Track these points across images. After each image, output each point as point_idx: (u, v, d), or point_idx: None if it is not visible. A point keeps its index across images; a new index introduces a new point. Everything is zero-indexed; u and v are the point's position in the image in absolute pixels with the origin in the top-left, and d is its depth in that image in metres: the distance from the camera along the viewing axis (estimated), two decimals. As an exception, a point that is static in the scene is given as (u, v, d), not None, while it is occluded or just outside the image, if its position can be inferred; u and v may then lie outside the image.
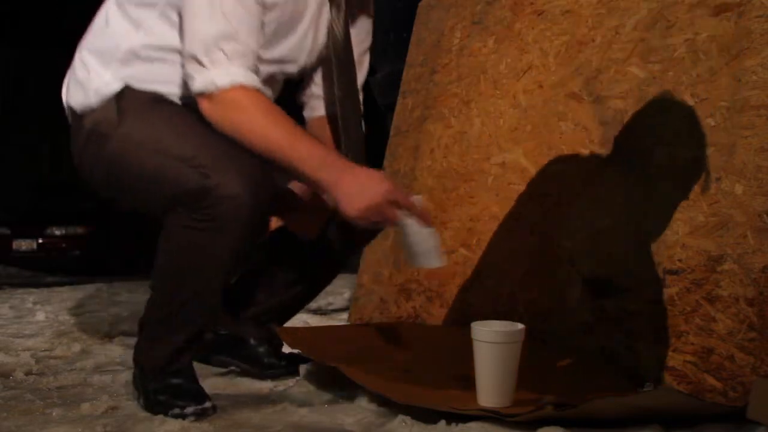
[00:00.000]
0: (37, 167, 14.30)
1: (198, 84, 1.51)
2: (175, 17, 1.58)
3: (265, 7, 1.57)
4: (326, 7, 1.70)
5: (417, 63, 2.77)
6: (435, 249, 1.53)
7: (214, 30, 1.50)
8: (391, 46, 3.05)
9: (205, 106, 1.52)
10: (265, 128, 1.50)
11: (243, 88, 1.51)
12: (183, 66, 1.54)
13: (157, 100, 1.60)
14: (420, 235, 1.52)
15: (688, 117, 1.78)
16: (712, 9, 1.79)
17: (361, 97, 1.83)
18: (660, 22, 1.90)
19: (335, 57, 1.72)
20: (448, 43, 2.61)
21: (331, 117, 1.82)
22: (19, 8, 14.85)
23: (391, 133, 2.79)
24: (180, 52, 1.57)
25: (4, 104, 15.71)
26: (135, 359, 1.62)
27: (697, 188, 1.72)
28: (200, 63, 1.50)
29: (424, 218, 1.52)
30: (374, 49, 3.12)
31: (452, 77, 2.54)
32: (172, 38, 1.59)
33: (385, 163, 2.76)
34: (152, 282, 1.60)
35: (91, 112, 1.61)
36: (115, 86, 1.59)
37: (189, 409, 1.51)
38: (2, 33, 14.97)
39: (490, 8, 2.47)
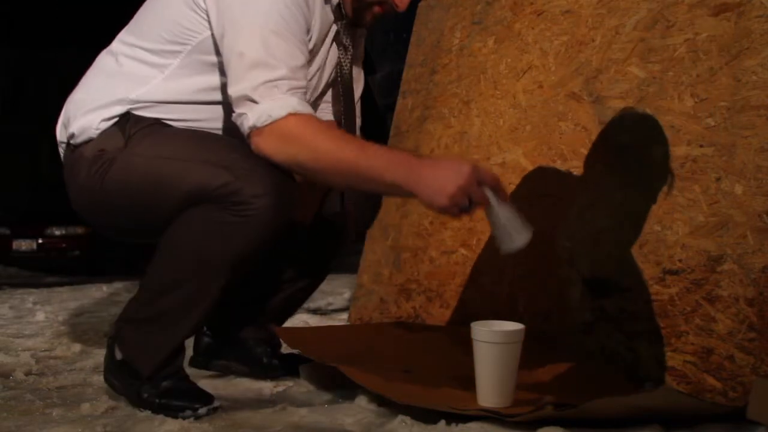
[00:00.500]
0: (37, 167, 14.31)
1: (251, 119, 1.47)
2: (198, 66, 1.58)
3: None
4: (334, 49, 1.71)
5: (417, 63, 2.77)
6: (524, 222, 1.47)
7: (268, 73, 1.48)
8: (391, 46, 3.05)
9: (259, 141, 1.48)
10: (335, 149, 1.47)
11: (297, 115, 1.48)
12: (233, 111, 1.52)
13: (161, 123, 1.59)
14: (510, 211, 1.45)
15: (688, 117, 1.78)
16: (712, 9, 1.79)
17: (359, 109, 1.84)
18: (660, 22, 1.90)
19: (342, 88, 1.74)
20: (448, 43, 2.61)
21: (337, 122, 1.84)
22: (19, 8, 14.85)
23: (391, 133, 2.79)
24: (200, 102, 1.59)
25: (4, 104, 15.72)
26: (126, 358, 1.58)
27: (697, 188, 1.72)
28: (252, 100, 1.47)
29: (503, 194, 1.47)
30: (374, 49, 3.13)
31: (452, 77, 2.54)
32: (189, 87, 1.59)
33: (385, 163, 2.76)
34: (149, 277, 1.57)
35: (90, 141, 1.58)
36: (117, 112, 1.58)
37: (202, 410, 1.52)
38: (2, 33, 14.97)
39: (490, 8, 2.47)
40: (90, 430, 1.41)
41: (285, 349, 1.94)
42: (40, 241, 10.50)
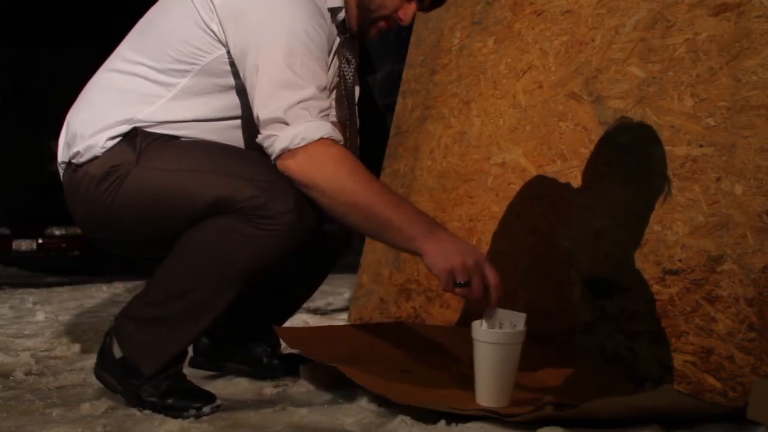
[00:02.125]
0: (37, 167, 14.30)
1: (283, 141, 1.46)
2: (206, 86, 1.57)
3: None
4: (335, 62, 1.71)
5: (417, 63, 2.77)
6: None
7: (295, 94, 1.47)
8: (391, 46, 3.05)
9: (291, 163, 1.47)
10: (365, 181, 1.47)
11: (333, 141, 1.49)
12: (259, 133, 1.50)
13: (172, 138, 1.58)
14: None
15: (688, 117, 1.78)
16: (712, 9, 1.79)
17: (357, 118, 1.84)
18: (660, 22, 1.90)
19: (346, 100, 1.75)
20: (448, 43, 2.61)
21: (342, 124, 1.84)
22: (19, 8, 14.85)
23: (391, 133, 2.79)
24: (208, 120, 1.58)
25: (4, 104, 15.72)
26: (126, 357, 1.57)
27: (697, 188, 1.73)
28: (283, 122, 1.47)
29: (496, 299, 1.46)
30: (374, 50, 3.13)
31: (452, 77, 2.55)
32: (198, 107, 1.58)
33: (385, 163, 2.76)
34: (160, 278, 1.56)
35: (95, 159, 1.56)
36: (123, 131, 1.56)
37: (206, 409, 1.52)
38: (2, 33, 14.97)
39: (490, 8, 2.47)
40: (90, 430, 1.41)
41: (285, 349, 1.94)
42: (40, 241, 10.49)
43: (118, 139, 1.56)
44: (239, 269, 1.52)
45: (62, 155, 1.64)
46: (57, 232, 10.45)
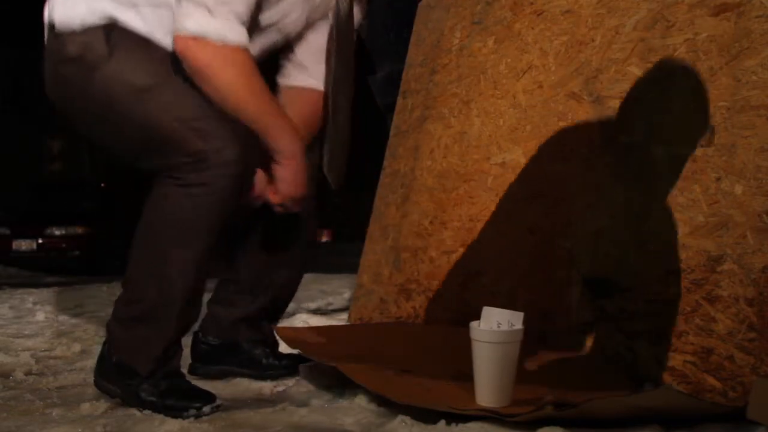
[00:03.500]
0: (37, 167, 14.31)
1: (202, 26, 1.48)
2: None
3: None
4: None
5: (417, 63, 2.77)
6: None
7: None
8: (391, 46, 3.05)
9: (196, 51, 1.49)
10: (257, 98, 1.56)
11: (247, 53, 1.53)
12: (179, 3, 1.50)
13: (147, 42, 1.57)
14: None
15: (688, 116, 1.78)
16: (712, 9, 1.79)
17: (349, 59, 1.81)
18: (660, 22, 1.90)
19: (336, 30, 1.71)
20: (448, 43, 2.61)
21: (324, 95, 1.81)
22: (19, 8, 14.86)
23: (391, 133, 2.79)
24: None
25: (4, 104, 15.72)
26: (120, 359, 1.58)
27: (697, 188, 1.72)
28: (206, 9, 1.48)
29: None
30: (374, 50, 3.13)
31: (452, 77, 2.54)
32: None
33: (385, 163, 2.76)
34: (127, 276, 1.58)
35: (73, 34, 1.56)
36: (104, 15, 1.56)
37: (206, 409, 1.52)
38: (2, 33, 14.97)
39: (490, 8, 2.47)
40: (90, 430, 1.41)
41: (284, 348, 1.94)
42: (40, 241, 10.49)
43: (95, 19, 1.56)
44: (197, 227, 1.52)
45: (48, 14, 1.63)
46: (57, 232, 10.44)
